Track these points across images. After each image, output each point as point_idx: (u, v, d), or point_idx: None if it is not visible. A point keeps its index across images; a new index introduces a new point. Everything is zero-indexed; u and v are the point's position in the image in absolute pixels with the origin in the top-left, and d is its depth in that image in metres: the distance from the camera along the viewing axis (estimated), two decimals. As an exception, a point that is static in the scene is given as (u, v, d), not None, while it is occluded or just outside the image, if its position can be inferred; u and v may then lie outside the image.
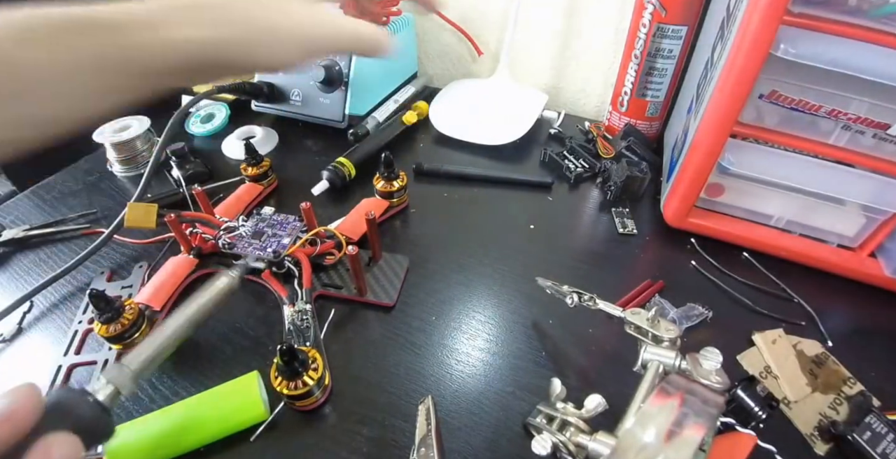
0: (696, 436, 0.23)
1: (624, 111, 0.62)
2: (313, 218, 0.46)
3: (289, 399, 0.35)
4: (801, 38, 0.35)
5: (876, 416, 0.34)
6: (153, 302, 0.41)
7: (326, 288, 0.44)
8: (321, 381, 0.35)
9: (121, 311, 0.38)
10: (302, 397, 0.34)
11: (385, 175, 0.51)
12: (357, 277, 0.42)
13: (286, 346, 0.33)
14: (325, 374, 0.36)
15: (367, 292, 0.44)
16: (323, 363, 0.36)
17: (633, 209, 0.54)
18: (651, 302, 0.43)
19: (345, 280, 0.45)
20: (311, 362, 0.35)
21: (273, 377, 0.34)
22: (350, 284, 0.44)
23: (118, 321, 0.38)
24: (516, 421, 0.35)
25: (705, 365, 0.30)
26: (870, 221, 0.44)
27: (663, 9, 0.52)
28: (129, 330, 0.38)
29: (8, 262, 0.49)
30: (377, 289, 0.44)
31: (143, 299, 0.41)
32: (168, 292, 0.43)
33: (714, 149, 0.42)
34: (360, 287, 0.43)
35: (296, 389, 0.34)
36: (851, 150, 0.40)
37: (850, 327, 0.42)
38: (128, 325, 0.38)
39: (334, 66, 0.62)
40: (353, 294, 0.44)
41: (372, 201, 0.52)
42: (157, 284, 0.43)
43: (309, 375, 0.34)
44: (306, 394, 0.34)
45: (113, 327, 0.38)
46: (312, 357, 0.36)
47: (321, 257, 0.45)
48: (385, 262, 0.47)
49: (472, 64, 0.81)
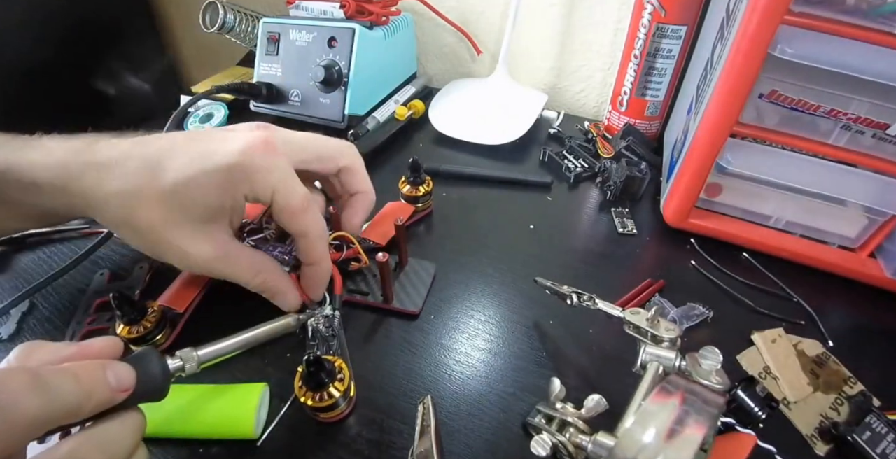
0: (698, 435, 0.23)
1: (623, 111, 0.62)
2: (341, 223, 0.46)
3: (313, 410, 0.34)
4: (801, 37, 0.35)
5: (876, 416, 0.34)
6: (176, 305, 0.40)
7: (353, 295, 0.43)
8: (347, 392, 0.34)
9: (145, 313, 0.38)
10: (327, 409, 0.33)
11: (411, 179, 0.50)
12: (385, 284, 0.41)
13: (313, 356, 0.32)
14: (350, 385, 0.35)
15: (392, 299, 0.43)
16: (350, 373, 0.35)
17: (633, 209, 0.54)
18: (651, 301, 0.43)
19: (370, 286, 0.44)
20: (337, 372, 0.34)
21: (297, 387, 0.33)
22: (376, 290, 0.43)
23: (141, 323, 0.37)
24: (516, 422, 0.35)
25: (705, 365, 0.29)
26: (870, 222, 0.44)
27: (663, 9, 0.52)
28: (151, 332, 0.38)
29: (7, 262, 0.49)
30: (402, 297, 0.43)
31: (166, 301, 0.41)
32: (191, 294, 0.42)
33: (714, 149, 0.42)
34: (387, 294, 0.42)
35: (321, 401, 0.33)
36: (851, 150, 0.40)
37: (851, 327, 0.42)
38: (151, 327, 0.38)
39: (334, 66, 0.62)
40: (380, 301, 0.43)
41: (397, 205, 0.51)
42: (179, 286, 0.42)
43: (335, 386, 0.33)
44: (332, 406, 0.33)
45: (136, 328, 0.37)
46: (339, 367, 0.34)
47: (346, 262, 0.44)
48: (411, 268, 0.46)
49: (471, 64, 0.81)
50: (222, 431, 0.34)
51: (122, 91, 0.92)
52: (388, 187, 0.54)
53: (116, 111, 0.90)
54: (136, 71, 0.95)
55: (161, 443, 0.34)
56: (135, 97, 0.93)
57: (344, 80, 0.62)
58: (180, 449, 0.34)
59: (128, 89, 0.93)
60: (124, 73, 0.92)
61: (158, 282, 0.46)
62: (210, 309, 0.43)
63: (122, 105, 0.91)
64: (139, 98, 0.93)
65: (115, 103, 0.90)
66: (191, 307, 0.42)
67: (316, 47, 0.63)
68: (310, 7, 0.65)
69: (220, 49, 0.90)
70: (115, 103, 0.90)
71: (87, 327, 0.42)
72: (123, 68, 0.92)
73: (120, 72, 0.91)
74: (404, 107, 0.67)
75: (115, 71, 0.90)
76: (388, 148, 0.63)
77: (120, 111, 0.89)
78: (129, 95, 0.93)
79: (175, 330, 0.40)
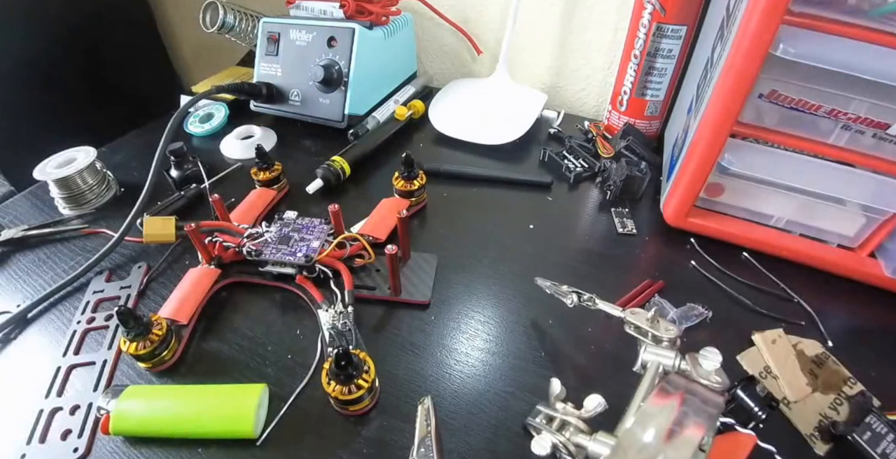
0: (697, 436, 0.23)
1: (623, 110, 0.62)
2: (341, 220, 0.46)
3: (341, 404, 0.34)
4: (801, 37, 0.35)
5: (876, 416, 0.34)
6: (179, 317, 0.40)
7: (359, 290, 0.43)
8: (372, 385, 0.35)
9: (150, 328, 0.37)
10: (354, 402, 0.34)
11: (405, 174, 0.51)
12: (393, 277, 0.42)
13: (342, 350, 0.32)
14: (375, 379, 0.35)
15: (401, 292, 0.43)
16: (374, 367, 0.36)
17: (633, 209, 0.54)
18: (651, 302, 0.43)
19: (376, 281, 0.44)
20: (363, 365, 0.35)
21: (325, 382, 0.34)
22: (382, 285, 0.44)
23: (147, 337, 0.37)
24: (516, 422, 0.35)
25: (705, 365, 0.29)
26: (870, 221, 0.44)
27: (663, 8, 0.52)
28: (158, 347, 0.37)
29: (7, 262, 0.49)
30: (410, 288, 0.44)
31: (168, 314, 0.40)
32: (193, 305, 0.41)
33: (714, 149, 0.42)
34: (394, 286, 0.43)
35: (350, 394, 0.33)
36: (851, 150, 0.40)
37: (851, 327, 0.42)
38: (157, 342, 0.37)
39: (334, 66, 0.62)
40: (388, 294, 0.43)
41: (392, 201, 0.52)
42: (180, 297, 0.42)
43: (363, 378, 0.34)
44: (358, 399, 0.34)
45: (142, 344, 0.37)
46: (364, 360, 0.35)
47: (350, 260, 0.45)
48: (414, 261, 0.46)
49: (471, 63, 0.81)
50: (222, 431, 0.34)
51: (122, 91, 0.92)
52: (388, 187, 0.54)
53: (116, 111, 0.90)
54: (137, 71, 0.95)
55: (161, 443, 0.34)
56: (135, 97, 0.93)
57: (344, 80, 0.62)
58: (180, 449, 0.34)
59: (128, 89, 0.93)
60: (124, 74, 0.92)
61: (157, 283, 0.46)
62: (215, 318, 0.43)
63: (122, 105, 0.91)
64: (139, 98, 0.93)
65: (116, 103, 0.90)
66: (194, 317, 0.41)
67: (316, 47, 0.63)
68: (310, 7, 0.65)
69: (220, 49, 0.90)
70: (116, 103, 0.90)
71: (87, 326, 0.42)
72: (123, 68, 0.92)
73: (120, 72, 0.91)
74: (404, 107, 0.67)
75: (115, 71, 0.90)
76: (388, 148, 0.63)
77: (120, 111, 0.89)
78: (129, 95, 0.93)
79: (181, 343, 0.40)
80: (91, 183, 0.54)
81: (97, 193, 0.55)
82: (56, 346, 0.41)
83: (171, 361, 0.39)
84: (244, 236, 0.45)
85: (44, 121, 0.80)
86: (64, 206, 0.54)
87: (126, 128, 0.70)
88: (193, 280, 0.43)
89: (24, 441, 0.35)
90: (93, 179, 0.54)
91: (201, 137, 0.67)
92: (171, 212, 0.52)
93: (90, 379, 0.38)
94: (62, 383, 0.38)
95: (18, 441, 0.35)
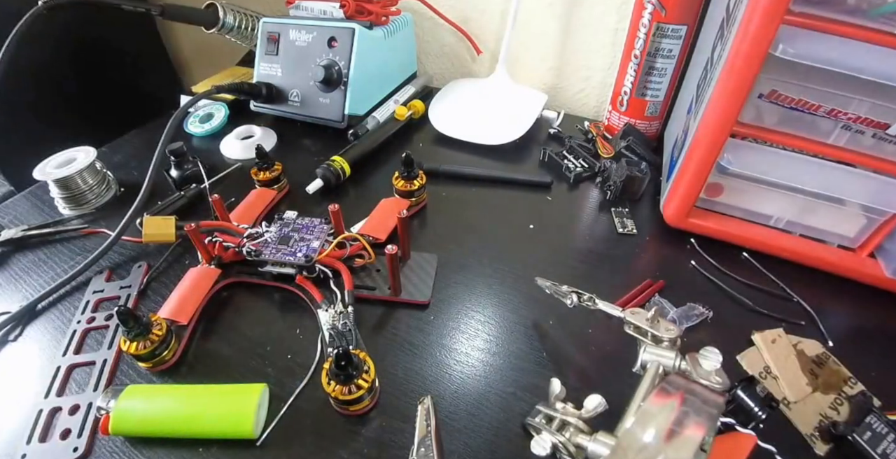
0: (697, 436, 0.23)
1: (623, 111, 0.62)
2: (341, 220, 0.46)
3: (341, 404, 0.34)
4: (801, 37, 0.35)
5: (876, 416, 0.34)
6: (179, 317, 0.40)
7: (359, 290, 0.43)
8: (372, 385, 0.35)
9: (150, 328, 0.37)
10: (354, 402, 0.34)
11: (405, 174, 0.51)
12: (393, 277, 0.42)
13: (342, 350, 0.32)
14: (375, 379, 0.36)
15: (401, 292, 0.43)
16: (374, 367, 0.36)
17: (633, 209, 0.54)
18: (651, 301, 0.43)
19: (376, 281, 0.44)
20: (363, 365, 0.35)
21: (325, 382, 0.34)
22: (382, 285, 0.44)
23: (147, 337, 0.37)
24: (516, 422, 0.35)
25: (705, 365, 0.29)
26: (870, 222, 0.44)
27: (663, 8, 0.52)
28: (158, 347, 0.37)
29: (7, 263, 0.49)
30: (410, 288, 0.44)
31: (168, 313, 0.40)
32: (193, 305, 0.41)
33: (714, 149, 0.42)
34: (394, 286, 0.43)
35: (350, 394, 0.33)
36: (851, 150, 0.40)
37: (851, 327, 0.42)
38: (157, 342, 0.37)
39: (333, 66, 0.62)
40: (388, 294, 0.43)
41: (392, 201, 0.52)
42: (180, 297, 0.42)
43: (363, 378, 0.34)
44: (358, 399, 0.34)
45: (143, 344, 0.37)
46: (364, 360, 0.35)
47: (350, 260, 0.45)
48: (414, 261, 0.46)
49: (471, 63, 0.81)
50: (222, 431, 0.34)
51: (123, 91, 0.92)
52: (388, 187, 0.54)
53: (116, 111, 0.90)
54: (137, 71, 0.94)
55: (161, 443, 0.34)
56: (135, 97, 0.93)
57: (344, 80, 0.62)
58: (180, 449, 0.34)
59: (128, 89, 0.93)
60: (124, 74, 0.92)
61: (157, 283, 0.46)
62: (215, 317, 0.43)
63: (122, 105, 0.90)
64: (139, 98, 0.93)
65: (116, 103, 0.90)
66: (194, 318, 0.41)
67: (316, 47, 0.63)
68: (309, 7, 0.65)
69: (220, 49, 0.90)
70: (116, 103, 0.90)
71: (87, 325, 0.42)
72: (123, 68, 0.92)
73: (120, 72, 0.91)
74: (404, 107, 0.67)
75: (115, 71, 0.90)
76: (388, 148, 0.63)
77: (120, 111, 0.89)
78: (130, 95, 0.93)
79: (181, 343, 0.40)
80: (91, 183, 0.54)
81: (97, 193, 0.55)
82: (56, 346, 0.41)
83: (171, 361, 0.39)
84: (244, 236, 0.45)
85: (44, 121, 0.80)
86: (64, 206, 0.54)
87: (126, 128, 0.70)
88: (193, 280, 0.43)
89: (24, 440, 0.35)
90: (93, 179, 0.54)
91: (201, 137, 0.67)
92: (171, 211, 0.52)
93: (90, 379, 0.38)
94: (62, 383, 0.38)
95: (18, 441, 0.35)
